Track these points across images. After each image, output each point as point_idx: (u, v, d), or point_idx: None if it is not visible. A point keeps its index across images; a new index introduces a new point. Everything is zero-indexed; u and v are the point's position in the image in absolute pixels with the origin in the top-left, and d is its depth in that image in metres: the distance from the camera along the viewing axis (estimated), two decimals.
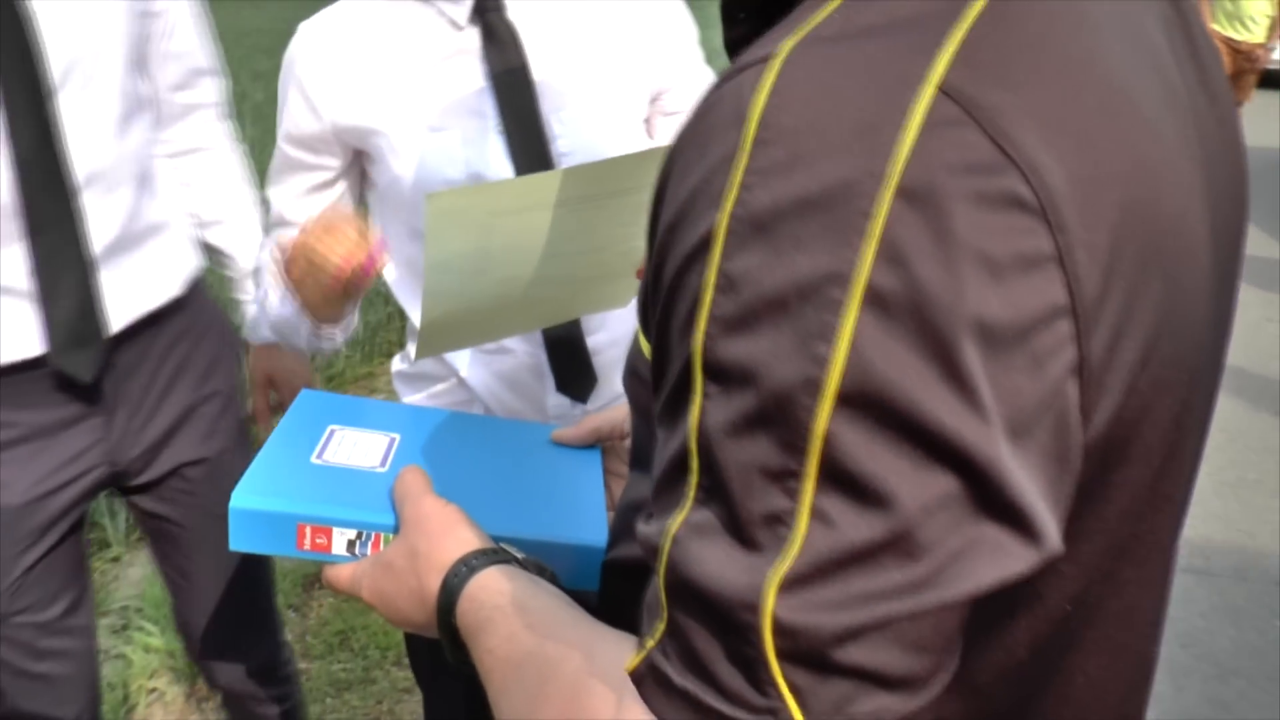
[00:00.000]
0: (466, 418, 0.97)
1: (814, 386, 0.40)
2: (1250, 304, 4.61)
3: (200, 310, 1.49)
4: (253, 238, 1.58)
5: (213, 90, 1.54)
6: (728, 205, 0.41)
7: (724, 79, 0.45)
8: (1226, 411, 3.53)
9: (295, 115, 1.24)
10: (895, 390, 0.39)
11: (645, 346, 0.53)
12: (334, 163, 1.27)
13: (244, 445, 1.54)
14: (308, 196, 1.29)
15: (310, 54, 1.22)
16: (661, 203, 0.47)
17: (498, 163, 1.19)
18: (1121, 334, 0.44)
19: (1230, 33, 6.28)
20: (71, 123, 1.26)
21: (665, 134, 1.34)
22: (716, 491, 0.43)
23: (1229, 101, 0.57)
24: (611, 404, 1.28)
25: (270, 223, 1.33)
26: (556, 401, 1.26)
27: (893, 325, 0.39)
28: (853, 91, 0.41)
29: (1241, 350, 4.06)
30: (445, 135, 1.19)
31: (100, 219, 1.30)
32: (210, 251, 1.57)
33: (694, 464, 0.43)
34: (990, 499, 0.40)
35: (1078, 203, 0.42)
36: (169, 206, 1.45)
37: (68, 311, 1.28)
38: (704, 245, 0.42)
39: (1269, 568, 2.81)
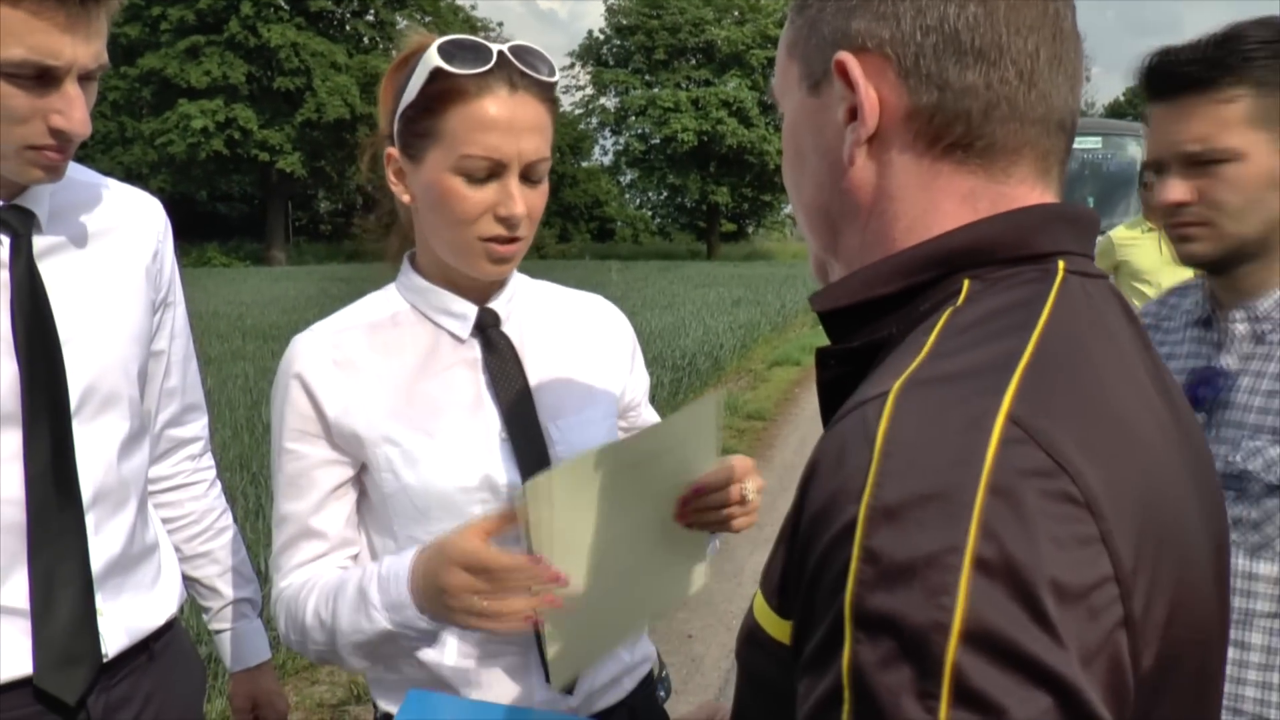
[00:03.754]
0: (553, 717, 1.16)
1: (944, 629, 0.54)
2: None
3: (182, 637, 1.51)
4: (234, 570, 1.61)
5: (200, 426, 1.60)
6: (865, 499, 0.58)
7: (848, 411, 0.63)
8: None
9: (302, 412, 1.26)
10: (1002, 630, 0.54)
11: (771, 620, 0.68)
12: (348, 459, 1.28)
13: None
14: (331, 502, 1.28)
15: (314, 362, 1.26)
16: (802, 507, 0.62)
17: (506, 467, 1.27)
18: (1152, 599, 0.60)
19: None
20: (83, 443, 1.31)
21: None
22: (868, 715, 0.56)
23: (1192, 419, 0.76)
24: (590, 695, 1.35)
25: (290, 539, 1.30)
26: (543, 696, 1.31)
27: (994, 583, 0.55)
28: (948, 419, 0.59)
29: None
30: (456, 445, 1.26)
31: (103, 538, 1.33)
32: (190, 583, 1.59)
33: (846, 695, 0.57)
34: (1076, 712, 0.55)
35: (1110, 500, 0.59)
36: (160, 532, 1.50)
37: (62, 629, 1.27)
38: (848, 528, 0.58)
39: None
